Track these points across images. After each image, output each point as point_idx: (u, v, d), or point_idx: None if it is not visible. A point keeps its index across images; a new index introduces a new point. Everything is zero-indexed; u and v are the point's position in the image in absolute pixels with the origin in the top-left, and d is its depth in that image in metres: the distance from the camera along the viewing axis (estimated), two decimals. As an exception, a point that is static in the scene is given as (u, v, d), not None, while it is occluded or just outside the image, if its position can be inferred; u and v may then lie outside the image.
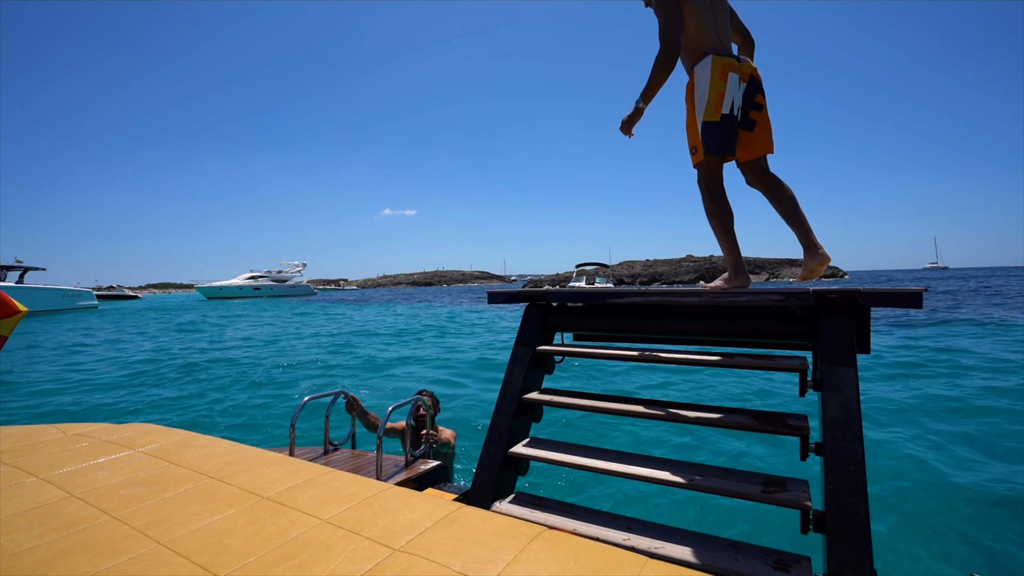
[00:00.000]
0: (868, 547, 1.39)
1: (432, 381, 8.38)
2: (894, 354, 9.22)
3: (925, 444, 4.64)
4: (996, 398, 6.06)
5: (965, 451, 4.48)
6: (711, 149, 2.22)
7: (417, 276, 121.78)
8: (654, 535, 1.65)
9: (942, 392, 6.44)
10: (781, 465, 4.22)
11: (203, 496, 1.14)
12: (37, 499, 1.11)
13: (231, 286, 56.31)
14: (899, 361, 8.58)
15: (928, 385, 6.87)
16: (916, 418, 5.44)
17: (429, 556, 0.90)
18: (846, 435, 1.55)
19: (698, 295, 2.10)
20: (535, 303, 2.49)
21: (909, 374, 7.64)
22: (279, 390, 8.16)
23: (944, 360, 8.51)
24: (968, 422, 5.27)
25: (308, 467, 1.59)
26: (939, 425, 5.17)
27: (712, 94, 2.19)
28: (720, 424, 1.83)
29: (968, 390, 6.47)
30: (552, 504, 1.94)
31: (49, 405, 7.39)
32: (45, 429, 1.70)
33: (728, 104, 2.19)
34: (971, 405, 5.82)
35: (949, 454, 4.42)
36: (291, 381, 8.88)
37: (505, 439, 2.09)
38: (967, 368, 7.81)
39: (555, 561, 0.91)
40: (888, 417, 5.49)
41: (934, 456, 4.35)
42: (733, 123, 2.21)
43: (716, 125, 2.20)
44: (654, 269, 69.98)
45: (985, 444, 4.64)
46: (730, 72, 2.19)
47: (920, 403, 5.99)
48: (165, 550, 0.90)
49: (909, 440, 4.73)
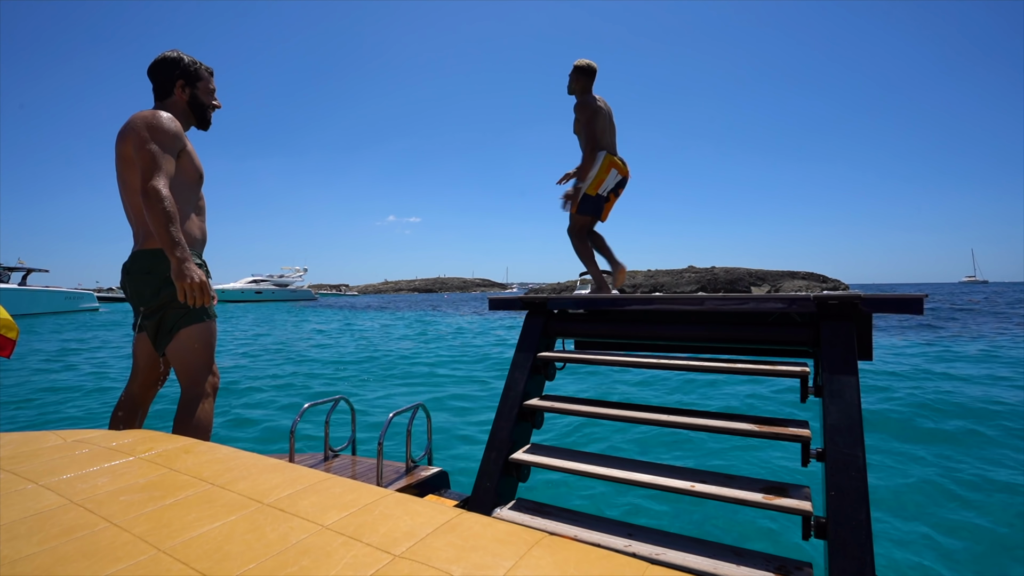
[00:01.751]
0: (870, 553, 1.38)
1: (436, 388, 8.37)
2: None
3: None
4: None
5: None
6: (584, 212, 3.37)
7: (418, 283, 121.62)
8: (655, 541, 1.65)
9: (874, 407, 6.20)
10: (782, 471, 4.20)
11: (203, 502, 1.14)
12: (37, 506, 1.11)
13: (233, 290, 56.31)
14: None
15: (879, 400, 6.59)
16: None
17: (430, 562, 0.89)
18: (847, 441, 1.55)
19: (700, 302, 2.11)
20: (536, 310, 2.49)
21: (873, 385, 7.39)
22: (279, 396, 8.15)
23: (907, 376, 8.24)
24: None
25: (308, 473, 1.59)
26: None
27: (597, 178, 3.30)
28: (721, 430, 1.83)
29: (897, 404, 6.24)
30: (553, 510, 1.93)
31: (49, 409, 7.38)
32: (45, 435, 1.70)
33: (604, 188, 3.33)
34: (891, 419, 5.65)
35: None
36: (291, 386, 8.87)
37: (506, 445, 2.09)
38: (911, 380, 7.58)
39: (556, 567, 0.91)
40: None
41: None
42: (601, 200, 3.37)
43: (591, 199, 3.33)
44: (655, 279, 69.88)
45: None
46: (613, 168, 3.32)
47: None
48: (165, 556, 0.90)
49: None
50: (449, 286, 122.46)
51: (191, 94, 2.08)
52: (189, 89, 2.08)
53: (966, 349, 10.97)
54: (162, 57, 2.04)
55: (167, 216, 1.74)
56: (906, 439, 5.01)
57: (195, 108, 2.11)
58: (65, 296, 35.07)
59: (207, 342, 2.03)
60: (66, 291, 35.47)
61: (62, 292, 34.92)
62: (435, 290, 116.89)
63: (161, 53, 2.05)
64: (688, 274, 68.78)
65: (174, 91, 2.05)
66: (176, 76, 2.05)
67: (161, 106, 2.04)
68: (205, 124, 2.17)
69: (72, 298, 35.83)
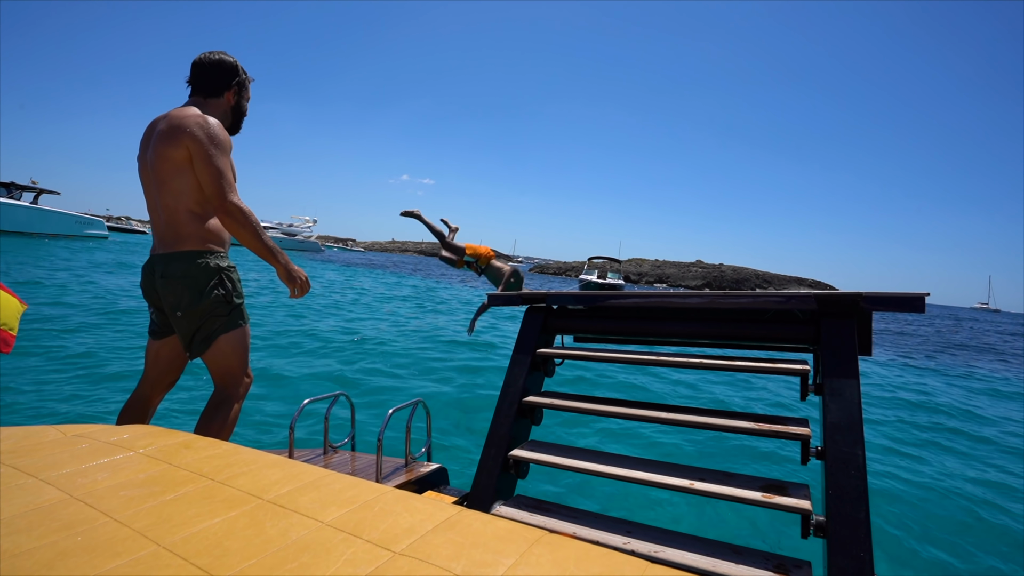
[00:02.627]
0: (869, 552, 1.38)
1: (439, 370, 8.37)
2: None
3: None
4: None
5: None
6: None
7: (425, 246, 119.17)
8: (654, 539, 1.65)
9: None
10: (781, 469, 4.21)
11: (203, 498, 1.14)
12: (36, 500, 1.11)
13: None
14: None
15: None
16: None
17: (430, 559, 0.89)
18: (847, 439, 1.55)
19: (700, 297, 2.10)
20: (535, 305, 2.49)
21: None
22: (278, 390, 8.15)
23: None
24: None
25: (308, 469, 1.59)
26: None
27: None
28: (720, 428, 1.83)
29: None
30: (552, 507, 1.94)
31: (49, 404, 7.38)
32: (45, 430, 1.69)
33: None
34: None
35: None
36: (290, 380, 8.86)
37: (505, 442, 2.09)
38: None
39: (556, 565, 0.91)
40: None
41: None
42: None
43: None
44: (662, 270, 69.36)
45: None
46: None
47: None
48: (165, 552, 0.90)
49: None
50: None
51: (237, 101, 2.15)
52: (237, 97, 2.14)
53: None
54: (220, 59, 2.06)
55: (258, 228, 1.83)
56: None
57: (236, 114, 2.18)
58: (76, 220, 34.50)
59: (244, 346, 2.07)
60: (76, 215, 34.93)
61: (73, 216, 34.34)
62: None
63: (218, 54, 2.07)
64: (696, 268, 68.18)
65: (223, 94, 2.09)
66: (232, 82, 2.09)
67: (204, 105, 2.04)
68: (238, 129, 2.22)
69: (82, 223, 35.23)
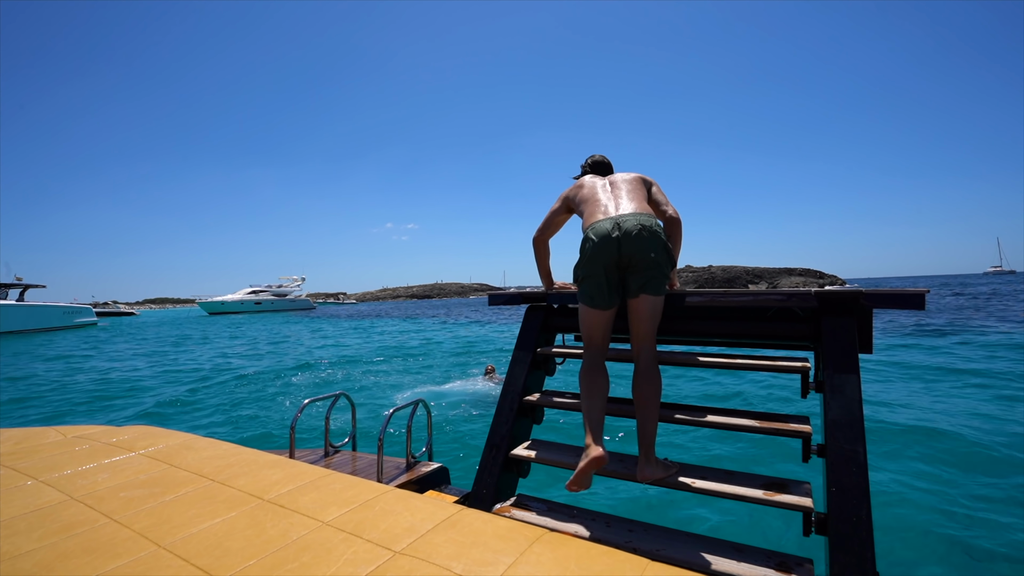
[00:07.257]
0: (870, 549, 1.38)
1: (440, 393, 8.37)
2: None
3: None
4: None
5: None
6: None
7: (416, 289, 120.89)
8: (655, 537, 1.65)
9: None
10: (783, 467, 4.20)
11: (204, 499, 1.14)
12: (37, 502, 1.11)
13: (233, 301, 57.13)
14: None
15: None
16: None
17: (430, 559, 0.89)
18: (848, 437, 1.55)
19: (700, 296, 2.10)
20: (536, 305, 2.49)
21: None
22: (280, 392, 8.15)
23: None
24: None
25: (309, 469, 1.59)
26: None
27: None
28: (722, 426, 1.82)
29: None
30: (553, 506, 1.93)
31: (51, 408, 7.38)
32: (45, 431, 1.69)
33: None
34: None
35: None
36: (291, 385, 8.87)
37: (506, 441, 2.08)
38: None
39: (557, 563, 0.91)
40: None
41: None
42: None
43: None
44: (651, 280, 68.55)
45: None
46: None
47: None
48: (165, 553, 0.90)
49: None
50: (447, 291, 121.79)
51: None
52: None
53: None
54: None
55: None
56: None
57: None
58: (63, 311, 34.44)
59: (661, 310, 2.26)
60: (64, 306, 34.86)
61: (60, 307, 34.22)
62: (433, 296, 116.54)
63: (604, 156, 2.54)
64: (685, 274, 68.44)
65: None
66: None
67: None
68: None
69: (70, 313, 35.23)
